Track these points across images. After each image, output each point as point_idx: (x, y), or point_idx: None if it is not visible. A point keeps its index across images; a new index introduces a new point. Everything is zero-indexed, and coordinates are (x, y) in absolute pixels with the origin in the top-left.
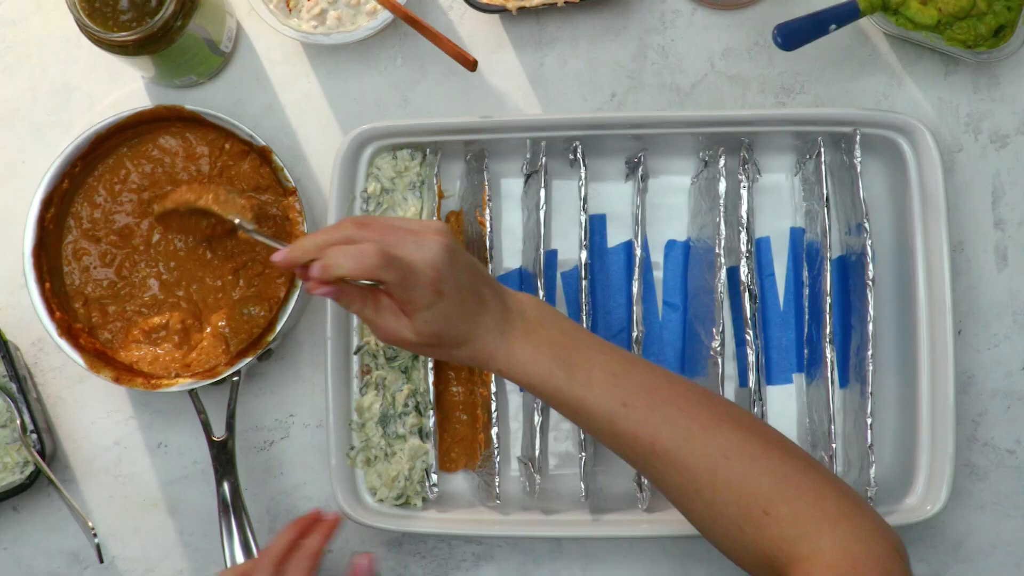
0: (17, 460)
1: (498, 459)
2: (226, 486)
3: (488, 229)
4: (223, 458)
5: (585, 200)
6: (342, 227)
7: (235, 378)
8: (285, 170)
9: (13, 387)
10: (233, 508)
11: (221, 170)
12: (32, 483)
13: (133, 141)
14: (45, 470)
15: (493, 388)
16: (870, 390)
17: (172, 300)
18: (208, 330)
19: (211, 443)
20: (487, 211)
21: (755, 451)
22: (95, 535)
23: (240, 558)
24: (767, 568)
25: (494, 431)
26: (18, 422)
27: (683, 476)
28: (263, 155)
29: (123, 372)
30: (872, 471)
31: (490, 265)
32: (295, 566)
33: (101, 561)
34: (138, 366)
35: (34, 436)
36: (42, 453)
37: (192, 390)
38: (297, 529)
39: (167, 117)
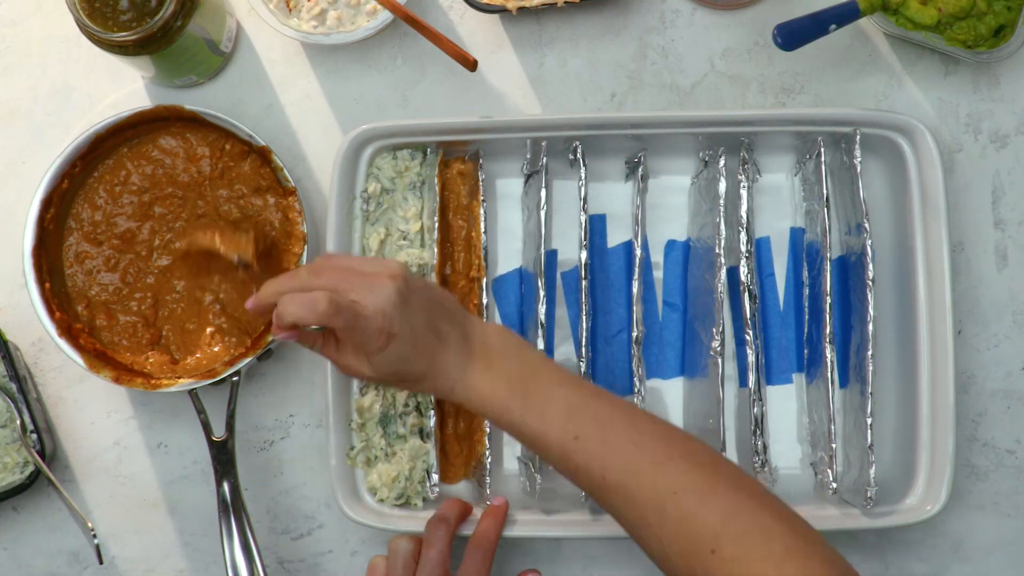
0: (17, 460)
1: (489, 460)
2: (226, 486)
3: (483, 230)
4: (223, 458)
5: (585, 200)
6: (298, 275)
7: (235, 378)
8: (285, 170)
9: (13, 387)
10: (233, 508)
11: (222, 171)
12: (32, 483)
13: (133, 141)
14: (45, 470)
15: None
16: (870, 390)
17: (175, 305)
18: (209, 330)
19: (211, 443)
20: (481, 212)
21: (704, 488)
22: (95, 536)
23: (240, 558)
24: None
25: (487, 435)
26: (18, 422)
27: (634, 511)
28: (263, 155)
29: (123, 372)
30: (872, 471)
31: (485, 270)
32: (480, 548)
33: (101, 562)
34: (138, 366)
35: (34, 436)
36: (42, 453)
37: (192, 390)
38: (463, 506)
39: (167, 117)
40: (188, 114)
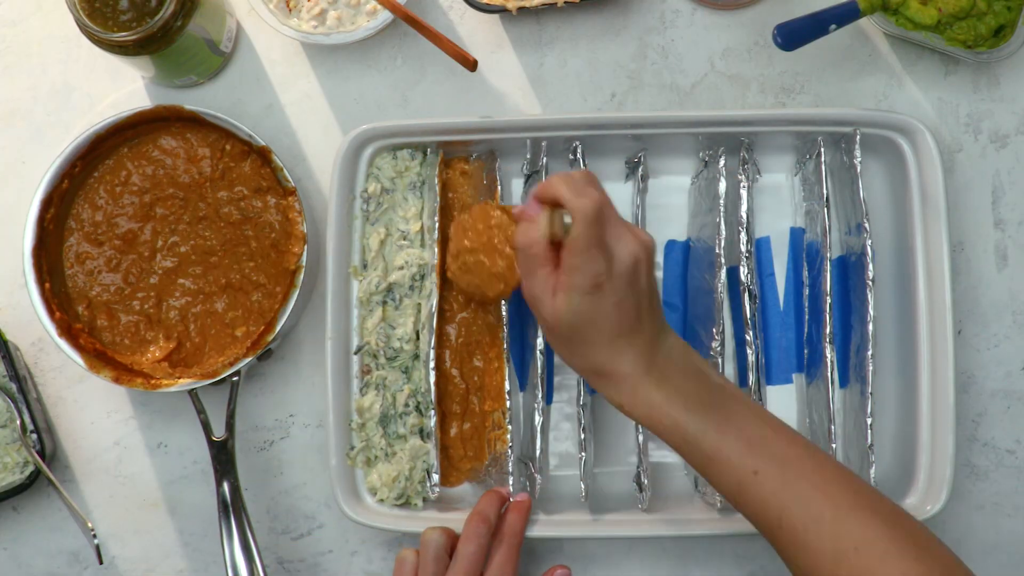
0: (17, 460)
1: (511, 458)
2: (226, 486)
3: None
4: (223, 458)
5: None
6: (583, 175)
7: (235, 378)
8: (285, 170)
9: (13, 387)
10: (233, 508)
11: (223, 172)
12: (32, 483)
13: (133, 141)
14: (45, 470)
15: (507, 387)
16: (870, 390)
17: (177, 307)
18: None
19: (211, 443)
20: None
21: (888, 547)
22: (95, 536)
23: (240, 558)
24: None
25: (509, 435)
26: (18, 422)
27: (807, 559)
28: (263, 155)
29: (123, 372)
30: (872, 471)
31: None
32: (506, 543)
33: (101, 562)
34: (138, 366)
35: (34, 436)
36: (42, 453)
37: (192, 390)
38: (501, 501)
39: (167, 117)
40: (188, 114)
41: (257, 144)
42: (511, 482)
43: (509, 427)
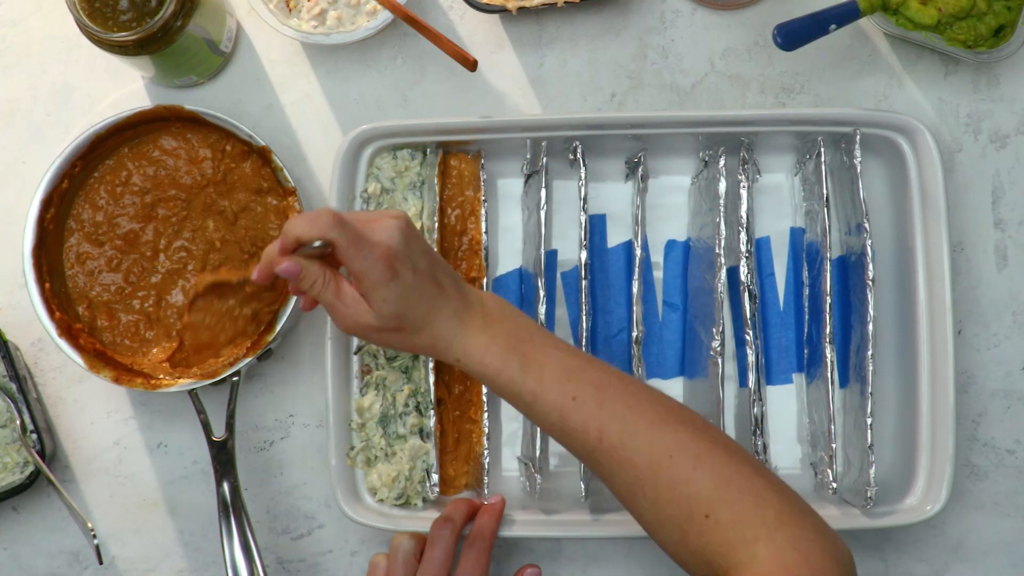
0: (17, 460)
1: (487, 461)
2: (226, 486)
3: (484, 230)
4: (223, 458)
5: (585, 200)
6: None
7: (235, 378)
8: (285, 170)
9: (13, 387)
10: (233, 508)
11: (224, 174)
12: (32, 483)
13: (134, 142)
14: (45, 470)
15: (485, 388)
16: (870, 390)
17: (179, 308)
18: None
19: (211, 443)
20: (483, 212)
21: (700, 451)
22: (94, 536)
23: (240, 558)
24: (710, 571)
25: (485, 435)
26: (18, 422)
27: (628, 473)
28: (263, 156)
29: (123, 372)
30: (872, 471)
31: (486, 270)
32: (475, 546)
33: (100, 562)
34: (138, 366)
35: (34, 436)
36: (42, 453)
37: (192, 390)
38: (470, 506)
39: (167, 117)
40: (188, 114)
41: (257, 144)
42: (486, 482)
43: (486, 428)
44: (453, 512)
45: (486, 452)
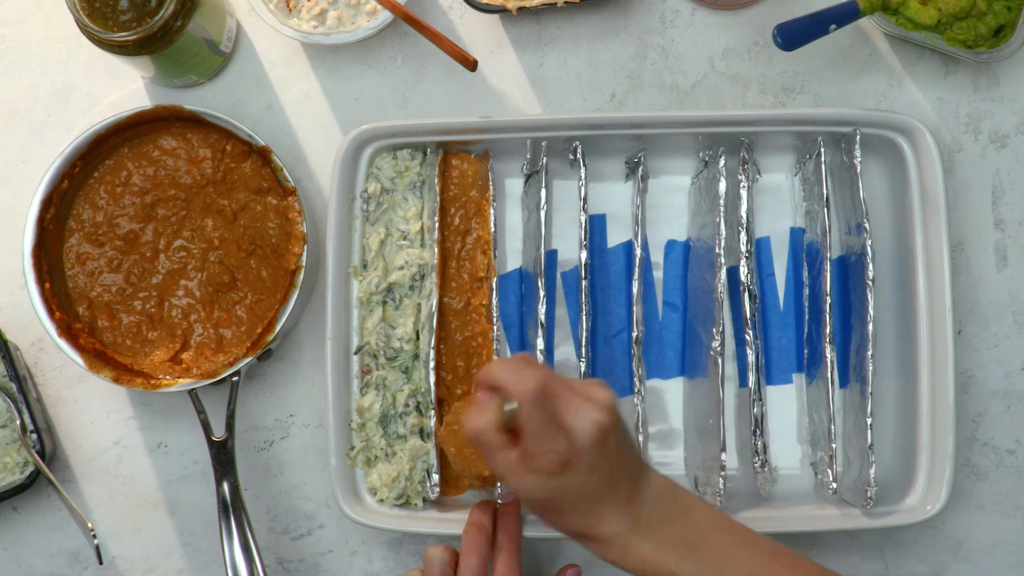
0: (17, 460)
1: None
2: (226, 486)
3: (492, 229)
4: (223, 458)
5: (585, 200)
6: (522, 358)
7: (235, 378)
8: (285, 170)
9: (13, 387)
10: (233, 508)
11: (224, 174)
12: (32, 483)
13: (133, 142)
14: (45, 471)
15: None
16: (870, 390)
17: (180, 307)
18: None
19: (211, 443)
20: (491, 211)
21: None
22: (94, 536)
23: (240, 558)
24: None
25: None
26: (18, 422)
27: None
28: (263, 155)
29: (123, 372)
30: (872, 471)
31: (495, 270)
32: (504, 548)
33: (101, 562)
34: (138, 366)
35: (34, 436)
36: (42, 453)
37: (192, 390)
38: (492, 506)
39: (167, 117)
40: (188, 114)
41: (257, 144)
42: (499, 486)
43: None
44: (482, 517)
45: None
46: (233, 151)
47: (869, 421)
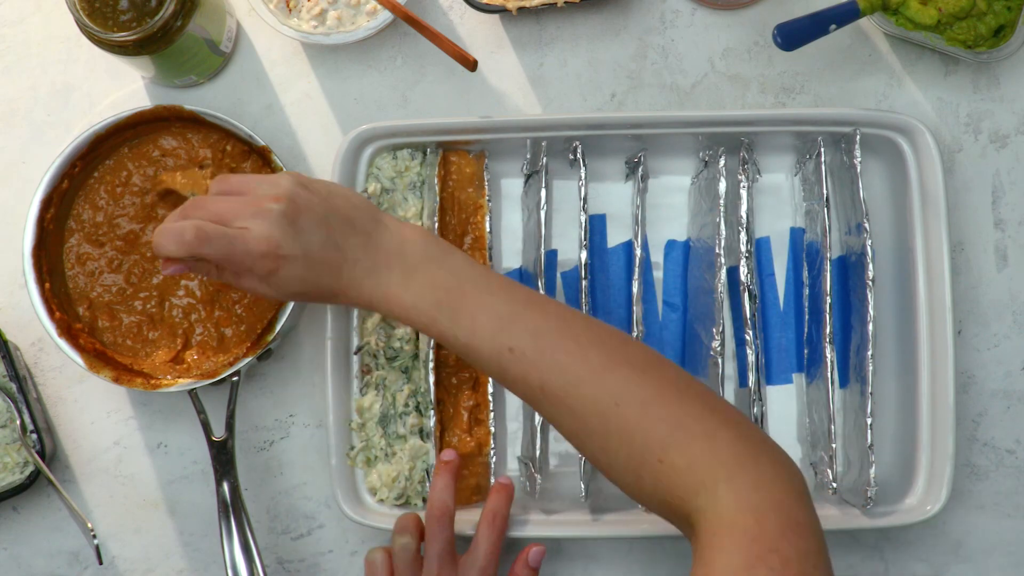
0: (17, 460)
1: (494, 460)
2: (226, 486)
3: (488, 229)
4: (223, 458)
5: (585, 200)
6: (184, 207)
7: (235, 378)
8: (284, 170)
9: (13, 387)
10: (233, 508)
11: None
12: (32, 483)
13: (133, 142)
14: (45, 471)
15: (491, 389)
16: (870, 390)
17: (180, 307)
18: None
19: (211, 443)
20: (487, 212)
21: (648, 396)
22: (94, 536)
23: (240, 558)
24: (672, 513)
25: (491, 431)
26: (18, 422)
27: (575, 421)
28: (263, 155)
29: (123, 372)
30: (872, 471)
31: (491, 264)
32: (486, 520)
33: (100, 562)
34: (138, 366)
35: (34, 436)
36: (42, 453)
37: (192, 390)
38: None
39: (167, 117)
40: (188, 114)
41: (257, 144)
42: (493, 482)
43: (492, 429)
44: (443, 496)
45: (492, 452)
46: (233, 151)
47: (869, 421)
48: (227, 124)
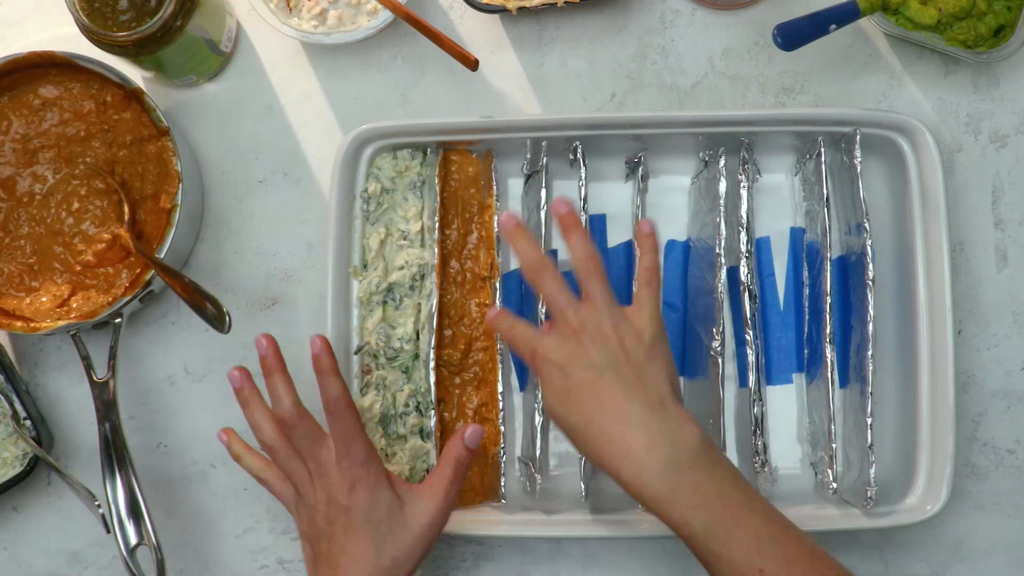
0: (16, 454)
1: (503, 459)
2: (107, 426)
3: (496, 228)
4: (104, 398)
5: (585, 200)
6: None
7: (117, 320)
8: (158, 110)
9: (0, 377)
10: (114, 446)
11: (109, 125)
12: (32, 470)
13: (13, 91)
14: (42, 454)
15: (499, 388)
16: (870, 390)
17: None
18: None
19: (93, 384)
20: (496, 212)
21: None
22: (98, 505)
23: (121, 495)
24: None
25: (501, 430)
26: (10, 412)
27: None
28: (137, 98)
29: (2, 316)
30: (872, 471)
31: (498, 268)
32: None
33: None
34: (20, 311)
35: (28, 423)
36: (38, 440)
37: (75, 333)
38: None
39: (40, 64)
40: (61, 59)
41: (131, 87)
42: (503, 483)
43: (502, 428)
44: (271, 362)
45: (502, 451)
46: (114, 100)
47: (869, 421)
48: (100, 68)
